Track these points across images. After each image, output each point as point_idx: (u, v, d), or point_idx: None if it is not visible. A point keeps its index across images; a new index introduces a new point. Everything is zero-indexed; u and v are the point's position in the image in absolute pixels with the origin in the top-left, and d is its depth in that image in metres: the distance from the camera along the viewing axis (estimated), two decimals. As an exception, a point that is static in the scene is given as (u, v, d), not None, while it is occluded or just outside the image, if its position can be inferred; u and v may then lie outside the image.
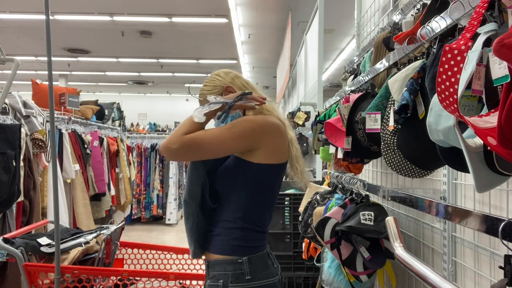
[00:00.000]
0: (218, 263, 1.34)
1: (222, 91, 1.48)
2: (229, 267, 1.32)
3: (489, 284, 1.26)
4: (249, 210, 1.36)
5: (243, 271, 1.31)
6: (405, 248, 1.14)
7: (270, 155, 1.35)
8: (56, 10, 6.43)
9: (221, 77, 1.51)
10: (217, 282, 1.31)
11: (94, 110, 5.12)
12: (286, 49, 6.57)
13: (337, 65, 9.70)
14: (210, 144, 1.27)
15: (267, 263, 1.37)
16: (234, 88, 1.49)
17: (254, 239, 1.37)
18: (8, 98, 3.06)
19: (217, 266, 1.34)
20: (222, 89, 1.48)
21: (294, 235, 3.03)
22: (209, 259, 1.38)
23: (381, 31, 1.83)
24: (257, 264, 1.34)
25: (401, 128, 1.24)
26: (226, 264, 1.32)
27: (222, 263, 1.33)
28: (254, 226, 1.37)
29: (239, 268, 1.31)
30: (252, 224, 1.37)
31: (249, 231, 1.36)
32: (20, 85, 10.93)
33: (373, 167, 2.38)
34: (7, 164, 2.62)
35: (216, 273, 1.33)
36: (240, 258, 1.32)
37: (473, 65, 0.79)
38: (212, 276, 1.34)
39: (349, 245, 1.74)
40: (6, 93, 2.14)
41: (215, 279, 1.32)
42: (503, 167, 0.81)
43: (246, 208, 1.36)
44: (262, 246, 1.39)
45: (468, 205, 1.38)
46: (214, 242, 1.38)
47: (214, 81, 1.50)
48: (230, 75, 1.53)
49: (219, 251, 1.36)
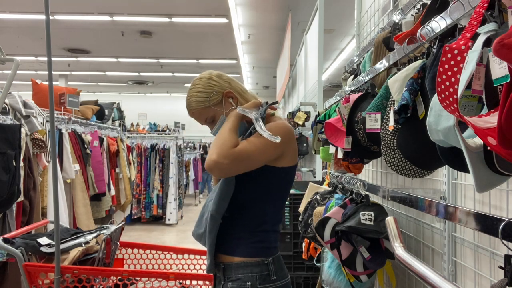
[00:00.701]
0: (242, 266, 1.34)
1: (221, 97, 1.41)
2: (255, 269, 1.32)
3: (489, 284, 1.26)
4: (272, 213, 1.39)
5: (269, 272, 1.33)
6: (405, 248, 1.14)
7: (291, 158, 1.38)
8: (56, 10, 6.44)
9: (215, 81, 1.42)
10: (244, 285, 1.31)
11: (94, 110, 5.12)
12: (286, 49, 6.57)
13: (337, 65, 9.71)
14: (258, 155, 1.27)
15: (282, 262, 1.42)
16: (234, 93, 1.42)
17: (274, 240, 1.41)
18: (8, 98, 3.06)
19: (241, 268, 1.33)
20: (222, 95, 1.41)
21: (294, 235, 3.03)
22: (229, 262, 1.36)
23: (381, 31, 1.83)
24: (279, 264, 1.38)
25: (401, 128, 1.24)
26: (253, 266, 1.33)
27: (248, 265, 1.33)
28: (274, 228, 1.41)
29: (265, 269, 1.33)
30: (273, 226, 1.40)
31: (271, 233, 1.39)
32: (20, 85, 10.94)
33: (373, 167, 2.38)
34: (7, 164, 2.62)
35: (242, 275, 1.33)
36: (266, 259, 1.34)
37: (473, 65, 0.79)
38: (237, 278, 1.33)
39: (349, 245, 1.74)
40: (6, 93, 2.14)
41: (241, 282, 1.32)
42: (503, 167, 0.81)
43: (269, 211, 1.38)
44: (278, 246, 1.43)
45: (468, 205, 1.38)
46: (236, 245, 1.36)
47: (211, 87, 1.40)
48: (224, 79, 1.44)
49: (243, 253, 1.35)
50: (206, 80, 1.42)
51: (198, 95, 1.40)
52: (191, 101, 1.41)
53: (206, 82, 1.41)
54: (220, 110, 1.40)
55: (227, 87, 1.42)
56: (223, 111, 1.40)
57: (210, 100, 1.39)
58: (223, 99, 1.41)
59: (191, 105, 1.41)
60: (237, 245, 1.36)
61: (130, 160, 6.16)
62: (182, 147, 8.28)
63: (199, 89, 1.40)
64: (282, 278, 1.36)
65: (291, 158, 1.38)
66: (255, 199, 1.37)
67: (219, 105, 1.40)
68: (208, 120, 1.42)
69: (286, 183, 1.41)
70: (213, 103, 1.39)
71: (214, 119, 1.41)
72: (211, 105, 1.39)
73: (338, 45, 8.37)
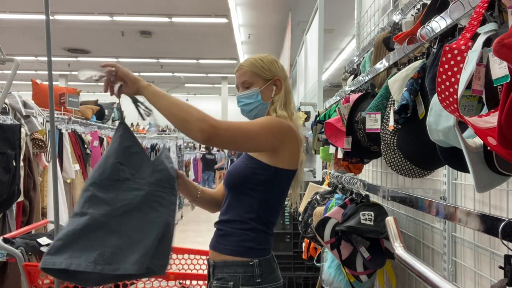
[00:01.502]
0: (227, 265, 1.31)
1: (271, 79, 1.43)
2: (239, 269, 1.29)
3: (489, 284, 1.26)
4: (262, 212, 1.34)
5: (254, 273, 1.29)
6: (405, 248, 1.14)
7: (287, 160, 1.35)
8: (56, 10, 6.43)
9: (277, 65, 1.46)
10: (226, 284, 1.29)
11: (94, 110, 5.12)
12: (286, 49, 6.57)
13: (337, 65, 9.71)
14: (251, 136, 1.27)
15: (274, 266, 1.36)
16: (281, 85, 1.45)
17: (264, 241, 1.35)
18: (8, 98, 3.06)
19: (226, 267, 1.31)
20: (273, 78, 1.44)
21: (294, 235, 3.03)
22: (216, 259, 1.35)
23: (381, 31, 1.83)
24: (266, 267, 1.32)
25: (401, 128, 1.24)
26: (237, 266, 1.30)
27: (232, 264, 1.30)
28: (266, 228, 1.35)
29: (250, 270, 1.29)
30: (264, 226, 1.35)
31: (261, 233, 1.34)
32: (20, 85, 10.92)
33: (373, 167, 2.38)
34: (7, 164, 2.62)
35: (226, 274, 1.30)
36: (252, 260, 1.30)
37: (473, 65, 0.79)
38: (221, 277, 1.31)
39: (349, 245, 1.74)
40: (6, 93, 2.14)
41: (224, 281, 1.29)
42: (503, 167, 0.81)
43: (260, 209, 1.34)
44: (270, 249, 1.38)
45: (468, 205, 1.38)
46: (223, 242, 1.34)
47: (271, 65, 1.44)
48: (284, 71, 1.48)
49: (229, 252, 1.32)
50: (272, 59, 1.47)
51: (257, 61, 1.44)
52: (248, 60, 1.46)
53: (271, 60, 1.46)
54: (260, 84, 1.42)
55: (282, 77, 1.46)
56: (261, 88, 1.42)
57: (262, 71, 1.42)
58: (270, 81, 1.43)
59: (246, 63, 1.45)
60: (225, 242, 1.34)
61: (130, 160, 6.15)
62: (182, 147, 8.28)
63: (262, 59, 1.44)
64: (269, 282, 1.31)
65: (287, 160, 1.34)
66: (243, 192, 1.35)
67: (263, 81, 1.43)
68: (245, 84, 1.43)
69: (281, 185, 1.38)
70: (262, 76, 1.42)
71: (249, 86, 1.42)
72: (259, 74, 1.42)
73: (338, 45, 8.37)
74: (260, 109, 1.43)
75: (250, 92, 1.42)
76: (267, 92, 1.43)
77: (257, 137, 1.29)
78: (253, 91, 1.41)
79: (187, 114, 1.17)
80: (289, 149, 1.34)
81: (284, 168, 1.34)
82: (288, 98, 1.46)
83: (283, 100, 1.45)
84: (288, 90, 1.48)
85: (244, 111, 1.45)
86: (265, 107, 1.44)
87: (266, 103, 1.43)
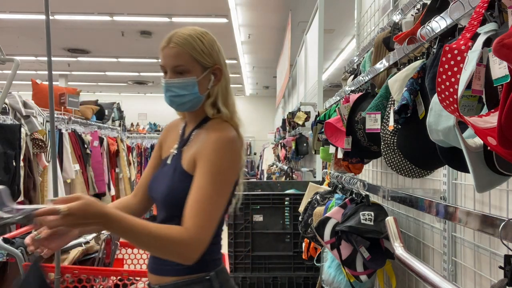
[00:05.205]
0: (180, 286, 1.15)
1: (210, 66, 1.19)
2: (196, 286, 1.15)
3: (489, 284, 1.26)
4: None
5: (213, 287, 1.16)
6: (405, 248, 1.14)
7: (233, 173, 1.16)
8: (56, 10, 6.43)
9: (219, 51, 1.22)
10: None
11: (94, 110, 5.12)
12: (286, 49, 6.57)
13: (337, 65, 9.70)
14: (218, 210, 1.09)
15: (228, 274, 1.24)
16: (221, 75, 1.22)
17: (215, 252, 1.20)
18: (8, 98, 3.06)
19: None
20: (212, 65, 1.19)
21: (294, 235, 3.03)
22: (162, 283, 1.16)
23: (381, 31, 1.83)
24: (223, 277, 1.20)
25: (401, 128, 1.24)
26: (192, 284, 1.14)
27: (186, 284, 1.14)
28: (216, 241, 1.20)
29: (208, 285, 1.15)
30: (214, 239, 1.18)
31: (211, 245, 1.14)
32: (20, 85, 10.91)
33: (373, 167, 2.38)
34: (7, 164, 2.62)
35: None
36: (207, 274, 1.15)
37: (473, 65, 0.79)
38: None
39: (349, 245, 1.74)
40: (6, 93, 2.14)
41: None
42: (503, 167, 0.81)
43: None
44: (221, 258, 1.24)
45: (468, 205, 1.38)
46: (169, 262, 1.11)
47: (212, 48, 1.19)
48: (224, 58, 1.24)
49: (179, 271, 1.14)
50: (213, 40, 1.21)
51: (196, 41, 1.15)
52: (184, 37, 1.15)
53: (212, 41, 1.20)
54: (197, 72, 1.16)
55: (222, 64, 1.22)
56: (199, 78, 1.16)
57: (202, 56, 1.16)
58: (209, 69, 1.19)
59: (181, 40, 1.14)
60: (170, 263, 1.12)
61: (130, 160, 6.17)
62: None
63: (201, 39, 1.17)
64: None
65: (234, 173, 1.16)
66: None
67: (202, 69, 1.17)
68: (179, 69, 1.15)
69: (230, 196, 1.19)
70: (201, 62, 1.16)
71: (183, 72, 1.15)
72: (198, 60, 1.16)
73: (338, 45, 8.37)
74: (194, 103, 1.19)
75: (185, 81, 1.15)
76: (204, 83, 1.18)
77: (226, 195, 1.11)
78: (189, 80, 1.15)
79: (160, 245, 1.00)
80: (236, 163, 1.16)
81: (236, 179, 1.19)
82: (228, 90, 1.24)
83: (223, 93, 1.22)
84: (228, 80, 1.25)
85: (174, 103, 1.20)
86: (200, 101, 1.20)
87: (202, 96, 1.19)
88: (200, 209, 1.04)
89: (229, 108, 1.22)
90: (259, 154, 12.85)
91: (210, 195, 1.07)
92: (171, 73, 1.17)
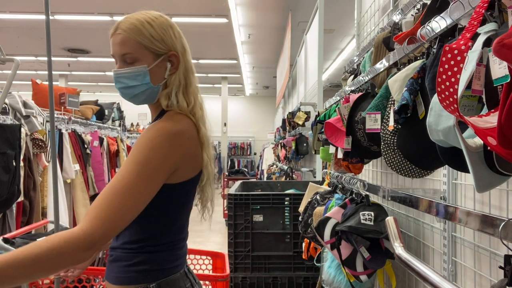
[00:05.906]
0: None
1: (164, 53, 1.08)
2: None
3: (489, 284, 1.26)
4: (160, 233, 1.08)
5: None
6: (405, 248, 1.14)
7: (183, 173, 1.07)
8: (56, 10, 6.44)
9: (175, 36, 1.10)
10: None
11: (94, 110, 5.12)
12: (286, 49, 6.57)
13: (337, 65, 9.71)
14: (134, 203, 0.95)
15: (182, 286, 1.10)
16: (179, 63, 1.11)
17: (166, 260, 1.09)
18: (8, 98, 3.06)
19: None
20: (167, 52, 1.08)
21: (294, 235, 3.03)
22: None
23: (381, 31, 1.83)
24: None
25: (401, 128, 1.24)
26: None
27: None
28: (166, 248, 1.09)
29: None
30: (164, 246, 1.09)
31: (159, 253, 1.08)
32: (20, 85, 10.93)
33: (373, 167, 2.38)
34: (7, 164, 2.62)
35: None
36: (148, 285, 1.05)
37: (473, 65, 0.79)
38: None
39: (349, 245, 1.74)
40: (6, 93, 2.13)
41: None
42: (503, 167, 0.81)
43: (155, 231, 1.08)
44: (177, 266, 1.12)
45: (468, 205, 1.38)
46: (113, 269, 1.07)
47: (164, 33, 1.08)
48: (183, 43, 1.13)
49: (118, 280, 1.06)
50: (166, 23, 1.10)
51: (144, 26, 1.06)
52: (131, 21, 1.06)
53: (164, 24, 1.09)
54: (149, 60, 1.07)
55: (179, 50, 1.11)
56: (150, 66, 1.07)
57: (151, 42, 1.06)
58: (164, 57, 1.08)
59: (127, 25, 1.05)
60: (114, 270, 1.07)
61: (130, 160, 6.16)
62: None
63: (151, 23, 1.07)
64: None
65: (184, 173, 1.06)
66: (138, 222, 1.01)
67: (153, 56, 1.07)
68: (126, 57, 1.06)
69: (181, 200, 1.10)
70: (151, 48, 1.06)
71: (133, 62, 1.06)
72: (147, 46, 1.06)
73: (338, 45, 8.37)
74: (148, 94, 1.09)
75: (134, 70, 1.05)
76: (159, 72, 1.08)
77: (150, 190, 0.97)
78: (138, 70, 1.05)
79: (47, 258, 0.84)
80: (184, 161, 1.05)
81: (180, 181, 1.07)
82: (188, 79, 1.13)
83: (182, 82, 1.11)
84: (189, 68, 1.14)
85: (126, 95, 1.09)
86: (156, 91, 1.09)
87: (157, 86, 1.09)
88: (107, 200, 0.92)
89: (188, 99, 1.11)
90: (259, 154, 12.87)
91: (128, 187, 0.94)
92: (120, 63, 1.07)
